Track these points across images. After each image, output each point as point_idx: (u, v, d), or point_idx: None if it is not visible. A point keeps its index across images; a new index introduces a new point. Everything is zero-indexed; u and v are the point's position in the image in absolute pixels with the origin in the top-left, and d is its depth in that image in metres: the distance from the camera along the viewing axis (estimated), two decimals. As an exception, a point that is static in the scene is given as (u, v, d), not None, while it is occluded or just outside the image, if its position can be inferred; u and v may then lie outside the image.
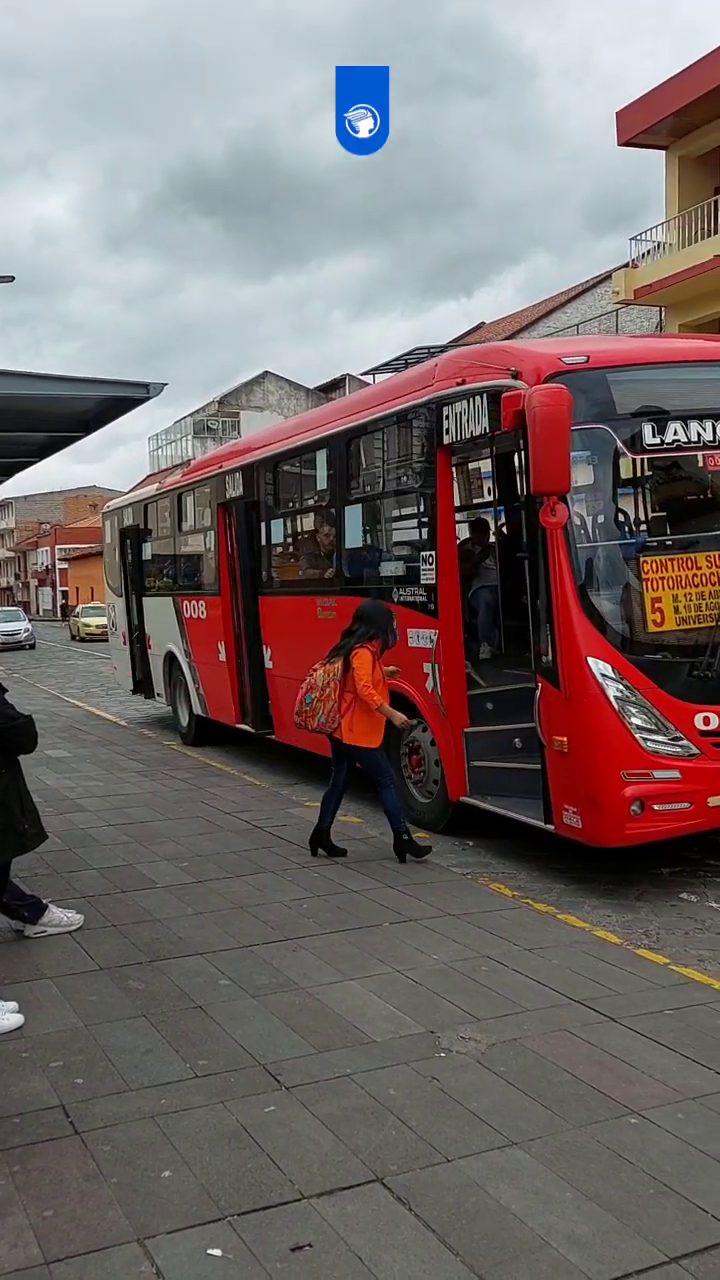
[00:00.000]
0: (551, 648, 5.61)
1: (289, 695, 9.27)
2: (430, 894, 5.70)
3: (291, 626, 9.13)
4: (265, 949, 4.91)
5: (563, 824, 5.71)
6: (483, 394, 6.13)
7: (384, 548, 7.88)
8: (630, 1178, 3.01)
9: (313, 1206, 2.90)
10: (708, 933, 5.20)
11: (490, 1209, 2.87)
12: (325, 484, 8.50)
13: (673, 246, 21.35)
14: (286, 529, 9.71)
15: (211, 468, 10.94)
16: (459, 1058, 3.77)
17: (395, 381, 7.91)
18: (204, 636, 10.97)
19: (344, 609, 7.91)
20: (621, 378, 5.85)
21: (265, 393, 47.54)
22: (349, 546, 8.08)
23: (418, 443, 7.15)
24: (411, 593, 7.03)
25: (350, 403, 8.68)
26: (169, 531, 12.42)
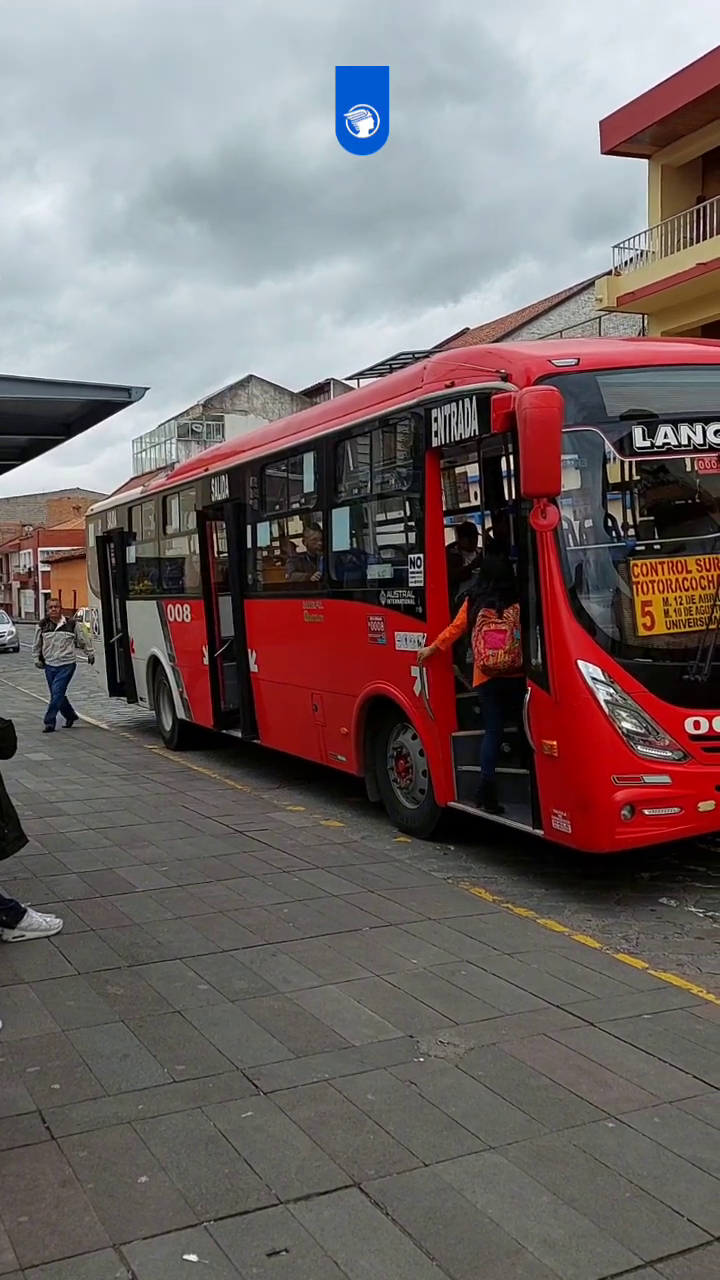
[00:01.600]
0: (541, 651, 5.59)
1: (274, 699, 9.26)
2: (410, 898, 5.71)
3: (277, 630, 9.08)
4: (244, 953, 4.90)
5: (552, 829, 5.67)
6: (472, 396, 6.11)
7: (372, 551, 7.84)
8: (607, 1182, 3.02)
9: (290, 1212, 2.89)
10: (686, 937, 5.22)
11: (467, 1213, 2.88)
12: (313, 487, 8.47)
13: (655, 254, 21.46)
14: (273, 532, 9.64)
15: (197, 471, 10.90)
16: (437, 1062, 3.77)
17: (384, 384, 7.89)
18: (188, 640, 10.90)
19: (330, 612, 8.01)
20: (612, 380, 5.84)
21: (250, 396, 47.52)
22: (336, 549, 8.06)
23: (406, 445, 7.12)
24: (399, 596, 7.00)
25: (338, 405, 8.65)
26: (153, 535, 12.35)
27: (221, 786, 9.28)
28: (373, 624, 7.29)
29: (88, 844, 7.11)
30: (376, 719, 7.47)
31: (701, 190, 21.76)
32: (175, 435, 46.21)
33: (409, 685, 6.86)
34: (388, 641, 7.11)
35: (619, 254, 22.47)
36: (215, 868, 6.43)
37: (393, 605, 7.05)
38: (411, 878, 6.19)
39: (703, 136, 20.86)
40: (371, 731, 7.57)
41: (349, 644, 7.68)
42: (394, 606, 7.03)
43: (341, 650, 7.84)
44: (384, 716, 7.37)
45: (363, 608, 7.46)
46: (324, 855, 6.67)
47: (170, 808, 8.32)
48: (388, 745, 7.43)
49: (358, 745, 7.68)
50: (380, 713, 7.40)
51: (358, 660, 7.55)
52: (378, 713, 7.43)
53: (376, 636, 7.25)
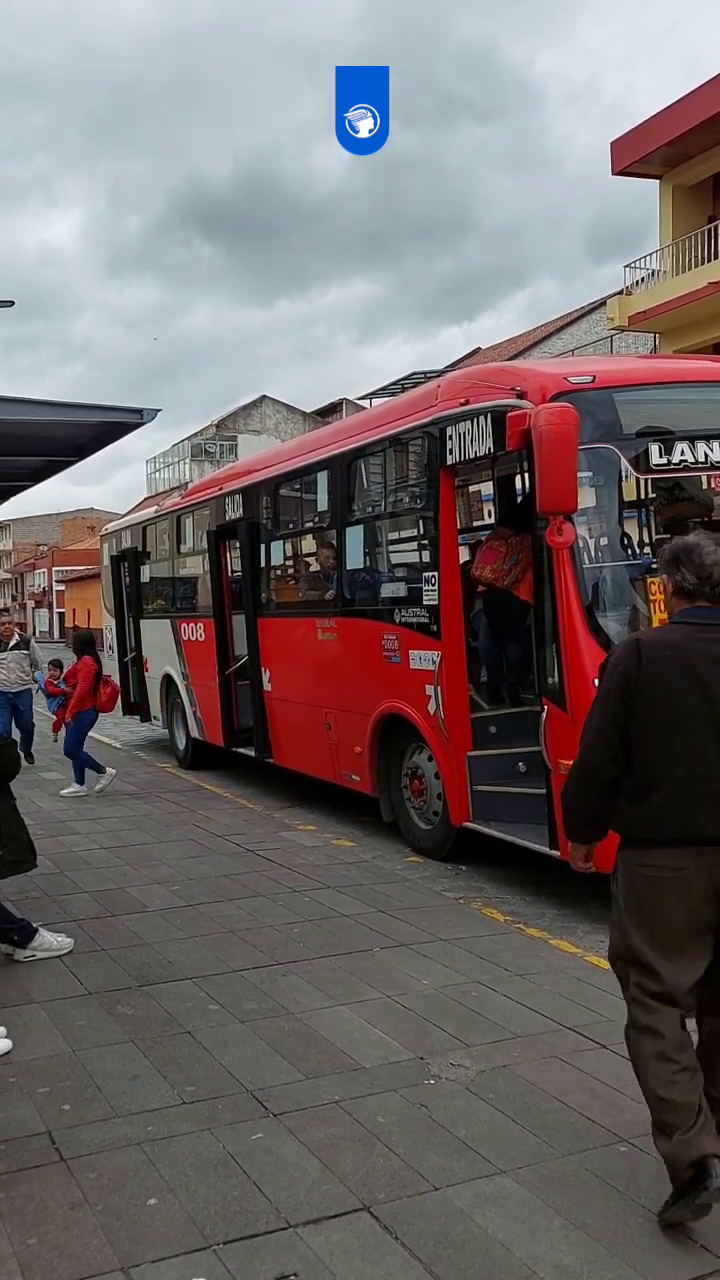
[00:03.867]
0: (557, 669, 5.55)
1: (288, 718, 9.19)
2: (422, 918, 5.68)
3: (291, 648, 9.05)
4: (255, 974, 4.89)
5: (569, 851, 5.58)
6: (486, 414, 6.09)
7: (385, 569, 7.83)
8: (619, 1207, 2.99)
9: (299, 1235, 2.87)
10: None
11: (477, 1238, 2.85)
12: (326, 505, 8.47)
13: (667, 274, 21.54)
14: (287, 550, 9.65)
15: (211, 490, 10.93)
16: (448, 1084, 3.75)
17: (397, 403, 7.83)
18: (202, 659, 10.88)
19: (344, 630, 7.99)
20: (628, 398, 5.82)
21: (263, 416, 47.75)
22: (350, 568, 8.03)
23: (420, 463, 7.12)
24: (413, 614, 6.97)
25: (352, 424, 8.63)
26: (168, 554, 12.39)
27: (233, 805, 9.28)
28: (386, 642, 7.26)
29: (99, 863, 7.12)
30: (391, 738, 7.42)
31: (712, 210, 21.84)
32: (189, 455, 46.44)
33: (423, 704, 6.83)
34: (402, 660, 7.08)
35: (630, 273, 22.56)
36: (226, 887, 6.42)
37: (407, 623, 7.04)
38: (423, 898, 6.17)
39: (713, 157, 20.96)
40: (385, 751, 7.51)
41: (363, 662, 7.66)
42: (408, 625, 7.01)
43: (355, 669, 7.81)
44: (398, 736, 7.31)
45: (376, 626, 7.44)
46: (335, 875, 6.66)
47: (182, 826, 8.32)
48: (402, 765, 7.37)
49: (372, 765, 7.64)
50: (394, 732, 7.34)
51: (371, 679, 7.52)
52: (392, 732, 7.38)
53: (390, 655, 7.21)
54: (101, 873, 6.84)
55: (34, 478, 8.84)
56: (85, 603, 57.92)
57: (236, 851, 7.39)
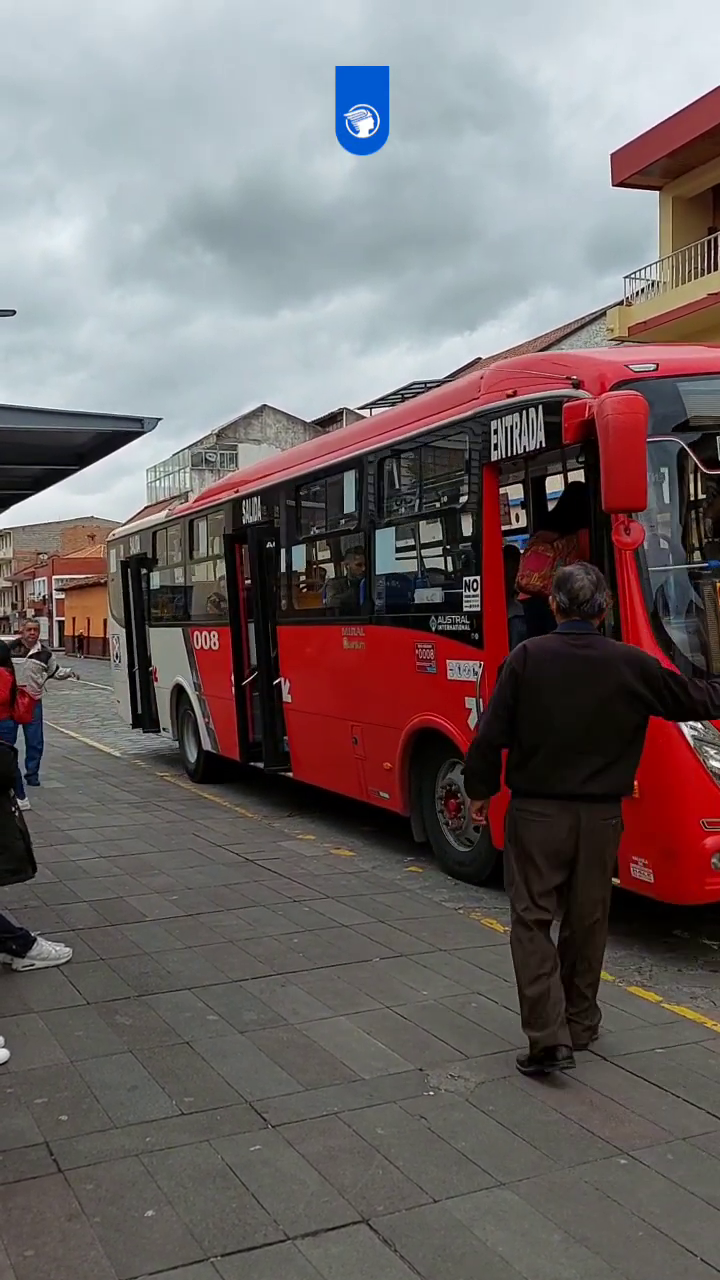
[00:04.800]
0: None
1: (309, 731, 8.74)
2: (422, 929, 5.67)
3: (314, 658, 8.61)
4: (254, 984, 4.87)
5: (629, 878, 5.12)
6: (538, 405, 5.68)
7: (421, 573, 7.41)
8: (619, 1219, 2.98)
9: (297, 1248, 2.86)
10: (700, 970, 5.17)
11: (477, 1251, 2.84)
12: (354, 507, 7.98)
13: (667, 285, 21.59)
14: (310, 555, 9.18)
15: (226, 493, 10.51)
16: (448, 1096, 3.74)
17: (434, 396, 7.40)
18: (216, 668, 10.47)
19: (373, 639, 7.57)
20: (695, 387, 5.40)
21: (263, 425, 47.83)
22: (380, 572, 7.60)
23: (461, 460, 6.68)
24: (452, 621, 6.52)
25: (382, 421, 8.08)
26: (179, 559, 12.00)
27: (232, 815, 9.27)
28: (421, 651, 6.84)
29: (98, 872, 7.10)
30: (424, 753, 7.00)
31: (712, 222, 21.91)
32: (189, 464, 46.50)
33: (462, 718, 6.38)
34: (438, 670, 6.65)
35: (630, 284, 22.63)
36: (225, 896, 6.41)
37: (444, 631, 6.59)
38: (423, 908, 6.15)
39: (713, 169, 21.03)
40: (418, 767, 7.10)
41: (394, 672, 7.23)
42: (446, 633, 6.57)
43: (385, 679, 7.38)
44: (433, 751, 6.89)
45: (410, 634, 7.01)
46: (335, 885, 6.65)
47: (181, 836, 8.30)
48: (436, 782, 6.96)
49: (403, 782, 7.21)
50: (428, 747, 6.93)
51: (404, 690, 7.08)
52: (426, 747, 6.95)
53: (425, 665, 6.79)
54: (100, 882, 6.83)
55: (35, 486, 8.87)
56: (85, 611, 57.93)
57: (236, 861, 7.37)
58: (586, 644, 3.94)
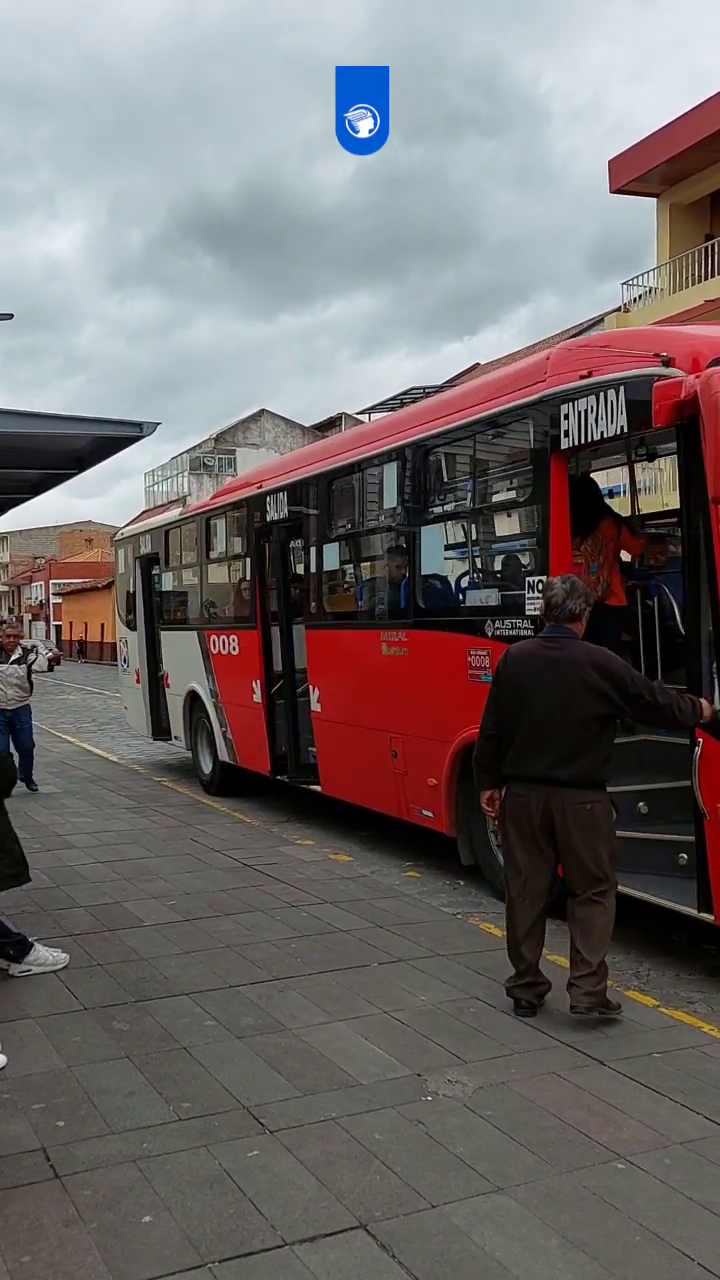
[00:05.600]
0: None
1: (341, 743, 8.03)
2: (420, 934, 5.67)
3: (348, 664, 8.06)
4: (252, 989, 4.87)
5: None
6: (619, 386, 5.20)
7: (475, 573, 6.91)
8: (617, 1225, 2.98)
9: (295, 1253, 2.86)
10: (698, 974, 5.17)
11: (475, 1256, 2.84)
12: (396, 501, 7.41)
13: (664, 291, 21.66)
14: (344, 553, 8.52)
15: (249, 488, 9.86)
16: (445, 1101, 3.73)
17: (490, 381, 6.80)
18: (235, 674, 9.92)
19: (417, 645, 7.02)
20: None
21: (262, 430, 47.84)
22: (426, 572, 7.06)
23: (525, 448, 6.18)
24: (512, 625, 5.98)
25: (429, 408, 7.48)
26: (195, 559, 11.36)
27: (230, 820, 9.26)
28: (474, 658, 6.28)
29: (95, 877, 7.10)
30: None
31: (710, 228, 22.00)
32: (187, 469, 46.52)
33: None
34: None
35: (628, 291, 22.70)
36: (223, 902, 6.40)
37: (503, 637, 6.00)
38: (421, 913, 6.15)
39: (711, 175, 21.14)
40: (467, 784, 6.33)
41: (441, 681, 6.68)
42: (504, 639, 5.94)
43: (431, 689, 6.82)
44: None
45: (461, 639, 6.45)
46: (333, 890, 6.64)
47: (178, 841, 8.29)
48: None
49: (450, 800, 6.62)
50: None
51: (453, 700, 6.48)
52: None
53: (479, 673, 6.19)
54: (98, 887, 6.82)
55: (34, 490, 8.86)
56: (83, 615, 57.92)
57: (234, 866, 7.37)
58: (558, 646, 4.42)
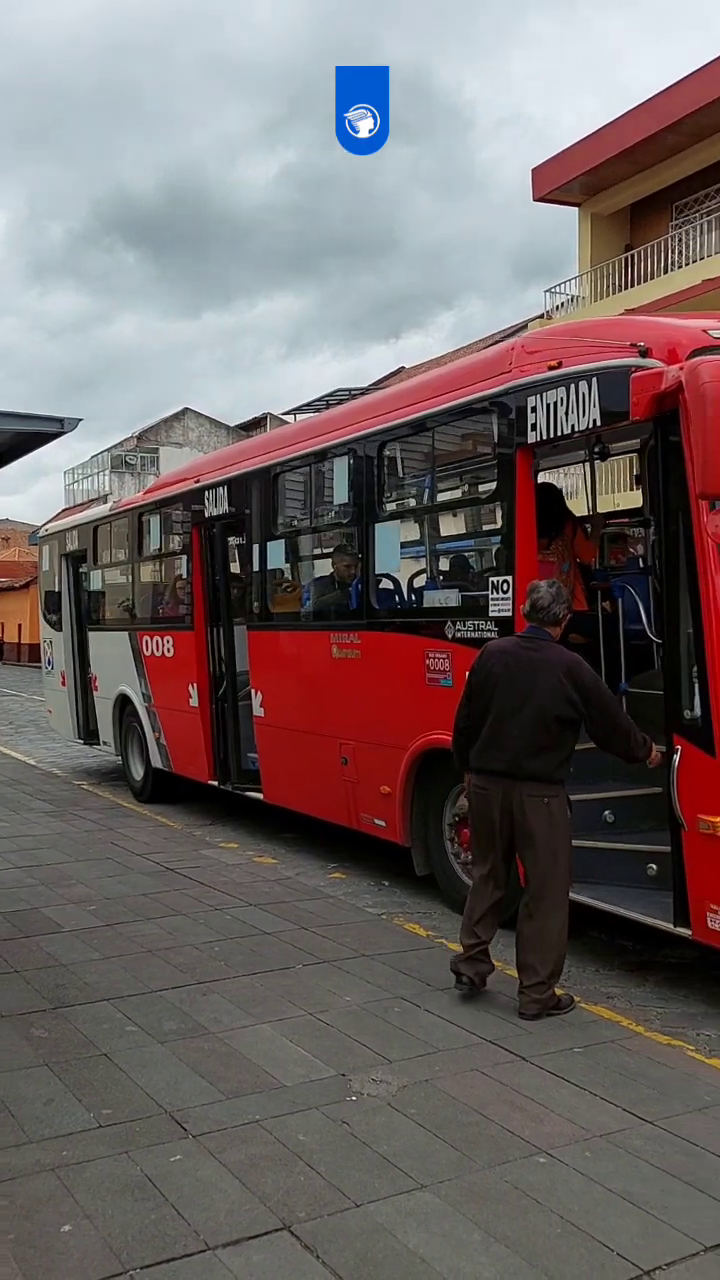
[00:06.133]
0: (703, 700, 4.44)
1: (286, 749, 7.70)
2: (345, 935, 5.67)
3: (294, 667, 7.77)
4: (175, 994, 4.82)
5: (706, 929, 4.50)
6: (592, 378, 4.96)
7: (434, 573, 6.70)
8: (538, 1218, 3.01)
9: (218, 1257, 2.83)
10: (616, 970, 5.26)
11: (398, 1254, 2.84)
12: (347, 497, 7.03)
13: (586, 299, 22.03)
14: (290, 551, 8.19)
15: (186, 482, 9.45)
16: (370, 1101, 3.74)
17: (452, 371, 6.50)
18: (170, 677, 9.54)
19: (371, 647, 6.74)
20: None
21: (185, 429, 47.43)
22: (380, 571, 6.76)
23: (488, 442, 5.94)
24: (475, 627, 5.73)
25: (384, 399, 7.16)
26: (127, 556, 10.91)
27: (152, 823, 9.15)
28: (433, 661, 6.03)
29: (12, 883, 6.95)
30: (431, 777, 6.21)
31: (630, 239, 22.43)
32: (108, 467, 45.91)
33: None
34: (454, 683, 5.75)
35: (550, 298, 23.05)
36: (145, 906, 6.32)
37: (464, 639, 5.78)
38: (346, 914, 6.15)
39: (631, 187, 21.56)
40: (423, 792, 6.30)
41: (397, 685, 6.42)
42: (466, 641, 5.73)
43: (386, 693, 6.55)
44: (441, 775, 6.06)
45: (419, 642, 6.19)
46: (257, 892, 6.61)
47: (99, 845, 8.17)
48: (444, 810, 6.19)
49: (404, 809, 6.38)
50: (436, 770, 6.11)
51: (409, 705, 6.26)
52: (433, 770, 6.14)
53: (439, 677, 5.99)
54: (15, 893, 6.68)
55: (-51, 488, 8.63)
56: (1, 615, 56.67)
57: (156, 870, 7.28)
58: (535, 647, 4.59)
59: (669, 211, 21.77)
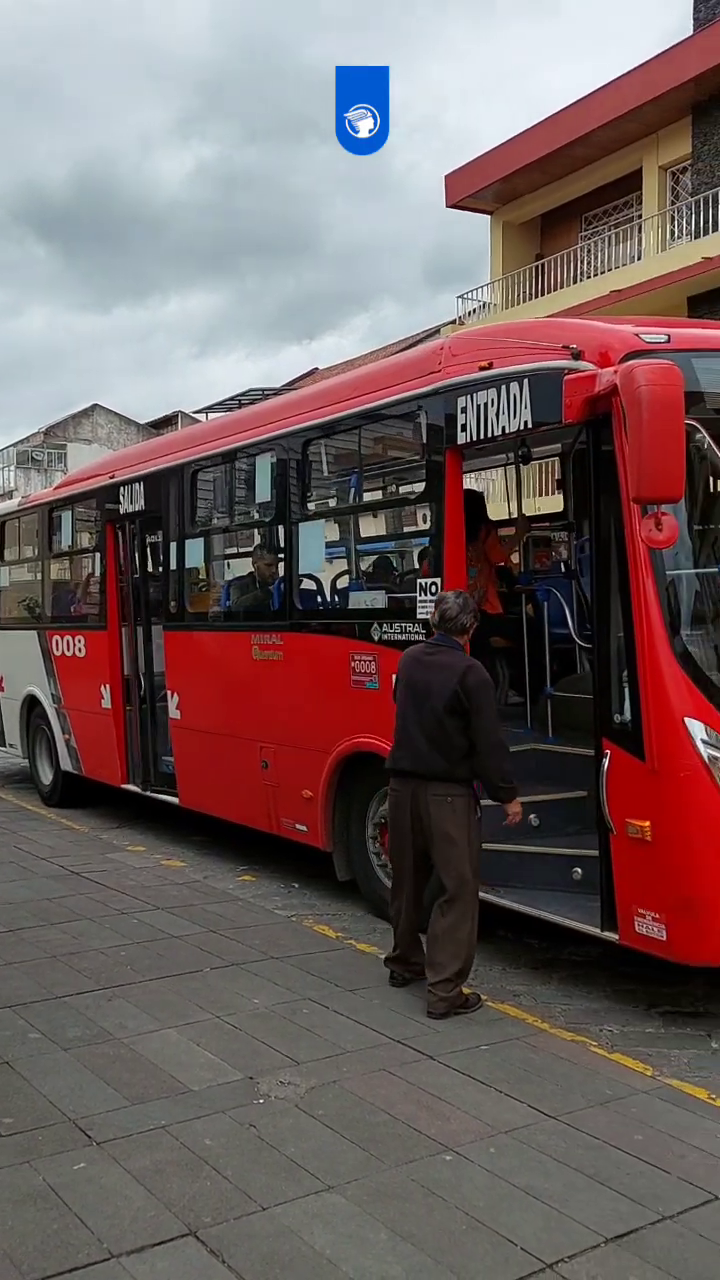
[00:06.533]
0: (632, 704, 4.43)
1: (203, 752, 7.57)
2: (253, 938, 5.65)
3: (212, 668, 7.59)
4: (79, 999, 4.74)
5: (634, 933, 4.47)
6: (524, 379, 4.92)
7: (360, 574, 6.61)
8: (444, 1215, 3.04)
9: (122, 1265, 2.80)
10: (523, 968, 5.34)
11: (305, 1255, 2.84)
12: (271, 495, 6.86)
13: (497, 306, 22.34)
14: (209, 550, 8.05)
15: (100, 478, 9.25)
16: (278, 1103, 3.73)
17: (378, 370, 6.43)
18: (81, 678, 9.32)
19: (294, 648, 6.61)
20: (713, 365, 4.69)
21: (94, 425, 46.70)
22: (304, 572, 6.66)
23: (416, 442, 5.89)
24: (402, 630, 5.64)
25: (309, 397, 7.02)
26: (35, 553, 10.72)
27: (58, 827, 8.98)
28: (358, 664, 5.93)
29: None
30: (354, 781, 6.11)
31: (540, 249, 22.82)
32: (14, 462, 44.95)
33: None
34: (380, 685, 5.69)
35: (463, 304, 23.32)
36: (49, 911, 6.20)
37: (391, 641, 5.68)
38: (255, 916, 6.13)
39: (541, 197, 21.94)
40: (345, 797, 6.19)
41: (320, 688, 6.33)
42: (393, 643, 5.63)
43: (309, 695, 6.45)
44: (365, 778, 5.97)
45: (344, 644, 6.08)
46: (165, 896, 6.54)
47: (1, 849, 7.99)
48: (367, 814, 6.09)
49: (326, 813, 6.26)
50: (360, 774, 6.01)
51: (333, 708, 6.16)
52: (357, 773, 6.05)
53: (364, 680, 5.89)
54: None
55: None
56: None
57: (60, 874, 7.15)
58: (438, 653, 4.79)
59: (579, 222, 22.23)
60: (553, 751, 5.51)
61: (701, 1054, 4.31)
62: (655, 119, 19.06)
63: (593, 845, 4.73)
